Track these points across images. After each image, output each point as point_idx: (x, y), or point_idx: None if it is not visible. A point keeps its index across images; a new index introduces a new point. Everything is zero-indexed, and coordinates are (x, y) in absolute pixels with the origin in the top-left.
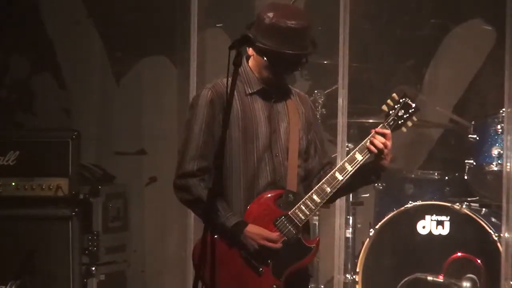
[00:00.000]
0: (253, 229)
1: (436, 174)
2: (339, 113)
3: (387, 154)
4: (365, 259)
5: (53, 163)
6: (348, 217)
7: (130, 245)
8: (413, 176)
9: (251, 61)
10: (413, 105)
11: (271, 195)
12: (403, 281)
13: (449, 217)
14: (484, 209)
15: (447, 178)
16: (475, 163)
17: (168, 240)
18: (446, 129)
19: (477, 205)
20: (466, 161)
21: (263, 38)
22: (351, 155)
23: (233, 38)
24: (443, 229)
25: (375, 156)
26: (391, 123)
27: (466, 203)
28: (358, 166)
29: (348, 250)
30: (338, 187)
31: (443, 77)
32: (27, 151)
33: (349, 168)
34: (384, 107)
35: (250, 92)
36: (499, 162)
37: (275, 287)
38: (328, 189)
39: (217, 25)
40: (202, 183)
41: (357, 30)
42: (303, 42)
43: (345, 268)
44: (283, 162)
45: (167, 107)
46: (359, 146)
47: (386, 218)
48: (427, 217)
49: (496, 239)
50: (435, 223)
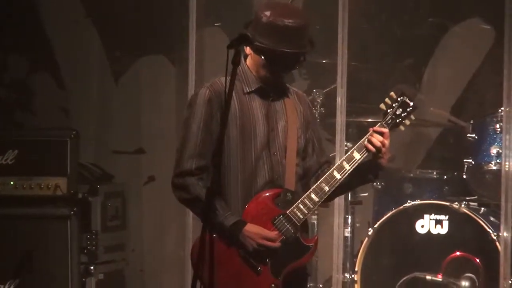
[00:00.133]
0: (251, 228)
1: (434, 173)
2: (338, 112)
3: (385, 152)
4: (364, 258)
5: (52, 162)
6: (347, 216)
7: (128, 244)
8: (412, 175)
9: (249, 60)
10: (411, 104)
11: (269, 194)
12: (402, 280)
13: (447, 216)
14: (482, 208)
15: (445, 177)
16: (473, 162)
17: (166, 239)
18: (444, 128)
19: (475, 204)
20: (464, 160)
21: (261, 36)
22: (349, 153)
23: (232, 37)
24: (442, 228)
25: (373, 155)
26: (389, 122)
27: (464, 202)
28: (356, 164)
29: (346, 249)
30: (336, 185)
31: (441, 76)
32: (25, 150)
33: (347, 167)
34: (382, 106)
35: (248, 90)
36: (498, 161)
37: (273, 286)
38: (326, 188)
39: (216, 24)
40: (200, 182)
41: (355, 29)
42: (300, 40)
43: (343, 267)
44: (281, 160)
45: (166, 106)
46: (357, 144)
47: (384, 217)
48: (426, 216)
49: (494, 238)
50: (434, 222)
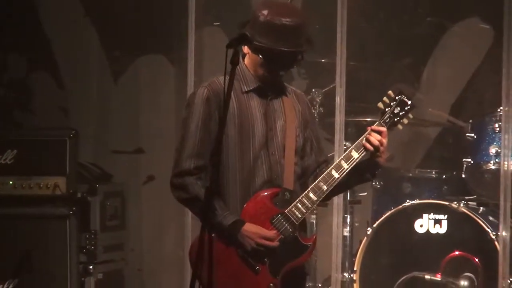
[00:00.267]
0: (250, 227)
1: (433, 172)
2: (337, 112)
3: (383, 151)
4: (363, 258)
5: (51, 162)
6: (345, 215)
7: (127, 243)
8: (411, 174)
9: (247, 59)
10: (409, 103)
11: (267, 193)
12: (401, 279)
13: (446, 216)
14: (481, 208)
15: (444, 176)
16: (472, 162)
17: (165, 238)
18: (443, 128)
19: (474, 203)
20: (463, 160)
21: (258, 35)
22: (347, 153)
23: (231, 36)
24: (441, 227)
25: (370, 153)
26: (387, 121)
27: (463, 202)
28: (354, 163)
29: (345, 248)
30: (334, 184)
31: (441, 76)
32: (24, 149)
33: (345, 166)
34: (379, 105)
35: (246, 90)
36: (497, 160)
37: (272, 285)
38: (324, 187)
39: (215, 24)
40: (199, 182)
41: (354, 28)
42: (298, 39)
43: (342, 266)
44: (279, 160)
45: (165, 106)
46: (355, 144)
47: (383, 216)
48: (425, 216)
49: (493, 237)
50: (433, 221)
